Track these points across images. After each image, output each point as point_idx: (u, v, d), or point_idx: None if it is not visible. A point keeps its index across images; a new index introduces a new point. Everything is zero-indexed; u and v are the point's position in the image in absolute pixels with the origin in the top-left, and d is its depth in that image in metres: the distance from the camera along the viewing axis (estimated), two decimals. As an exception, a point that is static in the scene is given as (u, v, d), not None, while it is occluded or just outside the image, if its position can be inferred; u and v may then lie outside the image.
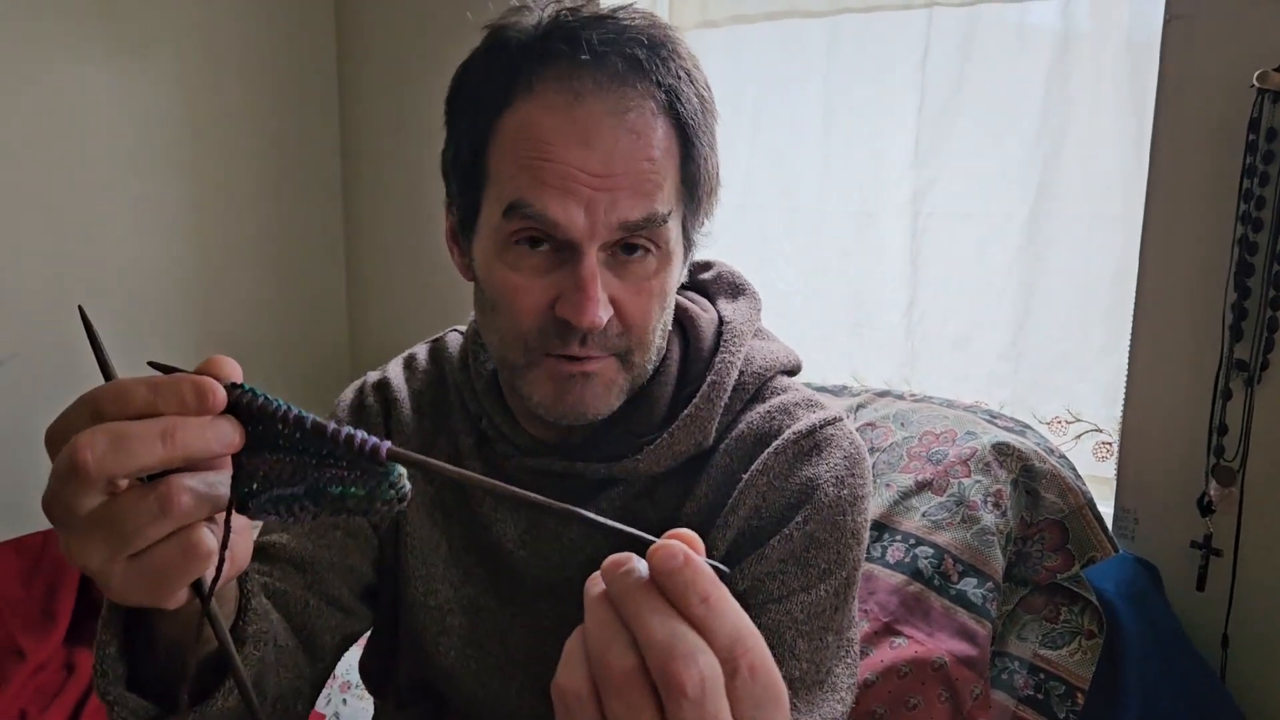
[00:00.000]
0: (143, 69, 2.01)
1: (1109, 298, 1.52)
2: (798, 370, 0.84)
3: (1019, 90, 1.56)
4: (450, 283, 1.09)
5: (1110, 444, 1.53)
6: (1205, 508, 1.31)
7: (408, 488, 0.43)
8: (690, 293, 0.85)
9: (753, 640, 0.37)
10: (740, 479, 0.75)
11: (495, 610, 0.81)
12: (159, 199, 2.06)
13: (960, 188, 1.63)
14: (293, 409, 0.43)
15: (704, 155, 0.71)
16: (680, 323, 0.81)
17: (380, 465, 0.43)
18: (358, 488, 0.43)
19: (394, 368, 0.90)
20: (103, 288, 1.98)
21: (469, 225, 0.74)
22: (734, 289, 0.85)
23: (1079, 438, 1.57)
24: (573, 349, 0.69)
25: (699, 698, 0.35)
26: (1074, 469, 1.34)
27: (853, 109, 1.72)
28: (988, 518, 1.25)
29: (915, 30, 1.62)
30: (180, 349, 2.09)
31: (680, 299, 0.80)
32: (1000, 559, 1.24)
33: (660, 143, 0.68)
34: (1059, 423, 1.58)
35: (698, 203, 0.73)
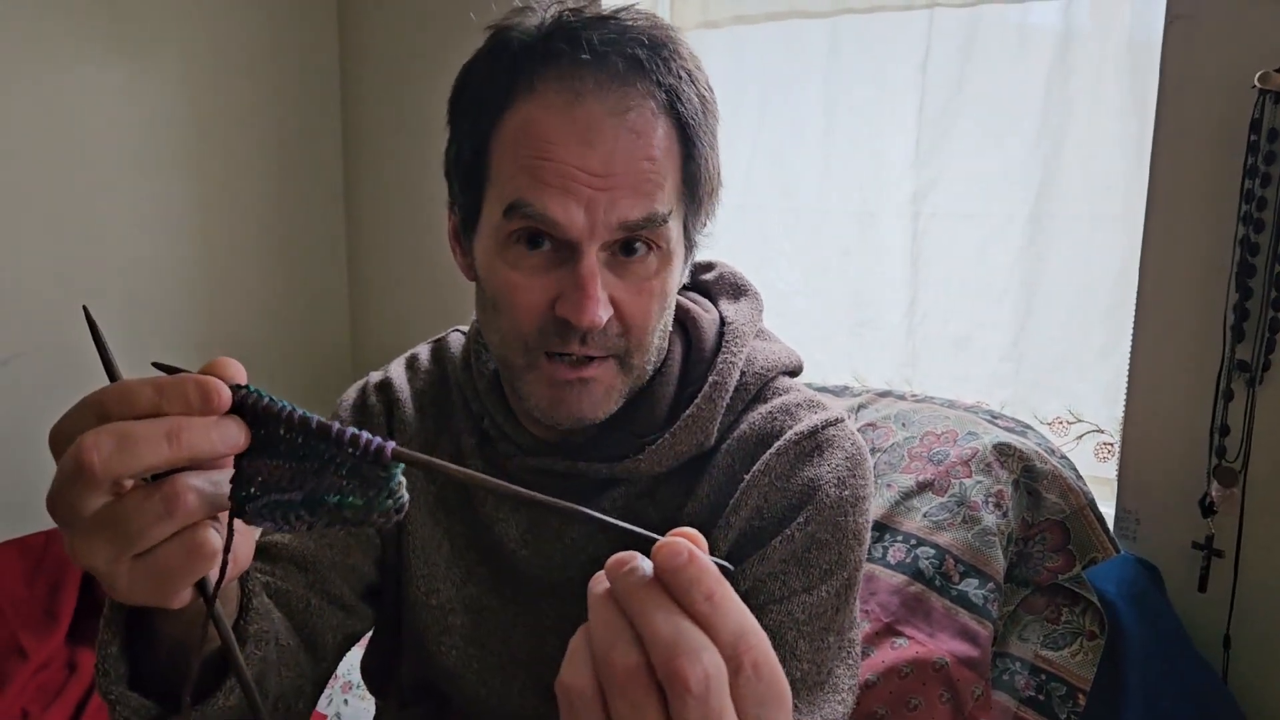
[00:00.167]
0: (145, 69, 2.01)
1: (1110, 298, 1.52)
2: (799, 371, 0.84)
3: (1020, 90, 1.55)
4: (452, 283, 1.10)
5: (1111, 444, 1.53)
6: (1207, 508, 1.30)
7: (406, 498, 0.43)
8: (692, 293, 0.85)
9: (757, 638, 0.37)
10: (742, 479, 0.75)
11: (497, 610, 0.81)
12: (162, 199, 2.07)
13: (961, 188, 1.63)
14: (297, 410, 0.43)
15: (705, 155, 0.71)
16: (682, 323, 0.81)
17: (382, 468, 0.42)
18: (355, 497, 0.43)
19: (396, 368, 0.90)
20: (106, 287, 1.99)
21: (471, 225, 0.74)
22: (736, 289, 0.85)
23: (1080, 438, 1.57)
24: (572, 348, 0.69)
25: (703, 695, 0.35)
26: (1075, 469, 1.34)
27: (854, 109, 1.72)
28: (989, 518, 1.25)
29: (916, 31, 1.62)
30: (183, 349, 2.09)
31: (682, 299, 0.80)
32: (1001, 560, 1.24)
33: (661, 143, 0.68)
34: (1060, 423, 1.58)
35: (698, 203, 0.73)
